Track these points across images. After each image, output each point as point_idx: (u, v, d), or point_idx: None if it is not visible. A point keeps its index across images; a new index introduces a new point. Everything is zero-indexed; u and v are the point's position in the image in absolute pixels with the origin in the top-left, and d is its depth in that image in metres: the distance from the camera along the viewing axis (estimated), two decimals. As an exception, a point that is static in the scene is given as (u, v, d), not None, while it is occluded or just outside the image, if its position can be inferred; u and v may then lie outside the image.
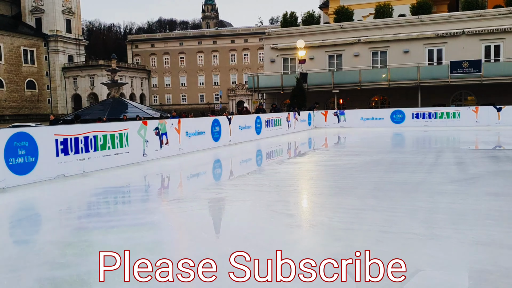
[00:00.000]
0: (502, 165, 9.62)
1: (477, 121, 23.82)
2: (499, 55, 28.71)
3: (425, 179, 8.00)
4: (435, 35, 29.89)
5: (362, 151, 13.84)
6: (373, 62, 31.88)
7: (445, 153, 12.50)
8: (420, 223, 5.08)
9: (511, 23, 28.07)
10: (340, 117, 26.87)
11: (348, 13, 32.55)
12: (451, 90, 29.79)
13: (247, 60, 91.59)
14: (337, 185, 7.87)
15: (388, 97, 32.02)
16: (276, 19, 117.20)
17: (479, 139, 17.04)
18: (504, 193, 6.67)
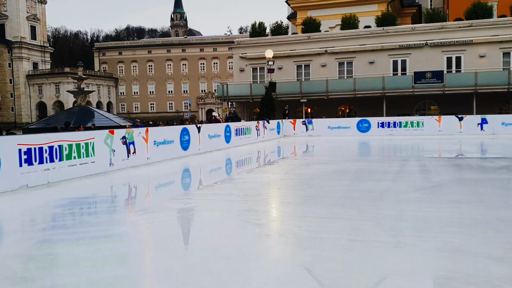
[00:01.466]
0: (463, 173, 9.95)
1: (440, 130, 24.57)
2: (460, 66, 29.78)
3: (391, 187, 8.20)
4: (400, 46, 30.74)
5: (330, 159, 14.04)
6: (340, 72, 32.48)
7: (410, 161, 12.83)
8: (386, 231, 5.20)
9: (471, 35, 29.20)
10: (308, 126, 27.20)
11: (315, 24, 33.10)
12: (415, 100, 30.65)
13: (217, 68, 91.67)
14: (306, 194, 7.96)
15: (355, 106, 32.64)
16: (245, 29, 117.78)
17: (442, 147, 17.57)
18: (466, 201, 6.89)
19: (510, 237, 4.85)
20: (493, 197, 7.22)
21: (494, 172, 10.07)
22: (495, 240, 4.74)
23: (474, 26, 29.13)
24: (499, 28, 28.80)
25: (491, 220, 5.63)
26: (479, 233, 5.06)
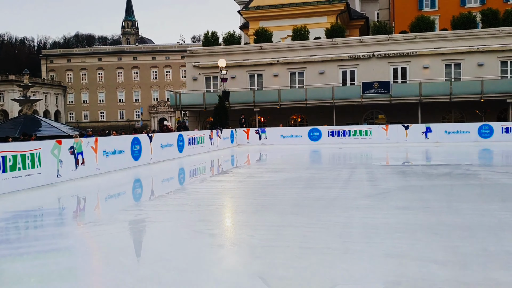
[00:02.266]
0: (409, 180, 10.35)
1: (387, 138, 25.47)
2: (406, 77, 31.06)
3: (340, 195, 8.41)
4: (348, 57, 31.69)
5: (282, 168, 14.22)
6: (292, 82, 33.04)
7: (359, 169, 13.21)
8: (335, 237, 5.34)
9: (415, 47, 30.56)
10: (262, 134, 27.44)
11: (268, 34, 33.56)
12: (363, 109, 31.64)
13: (169, 77, 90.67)
14: (258, 202, 8.02)
15: (306, 115, 33.25)
16: (198, 38, 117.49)
17: (389, 155, 18.21)
18: (411, 207, 7.16)
19: (452, 241, 5.08)
20: (436, 202, 7.54)
21: (438, 178, 10.55)
22: (438, 244, 4.96)
23: (418, 38, 30.52)
24: (441, 41, 30.33)
25: (434, 225, 5.88)
26: (424, 238, 5.27)
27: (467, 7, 34.48)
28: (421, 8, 35.92)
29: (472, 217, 6.31)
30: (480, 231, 5.47)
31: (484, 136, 24.68)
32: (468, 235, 5.30)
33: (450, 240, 5.12)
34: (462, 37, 29.87)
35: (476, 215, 6.42)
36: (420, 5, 36.16)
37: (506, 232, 5.41)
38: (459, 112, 30.95)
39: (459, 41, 29.91)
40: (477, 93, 28.09)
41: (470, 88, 28.38)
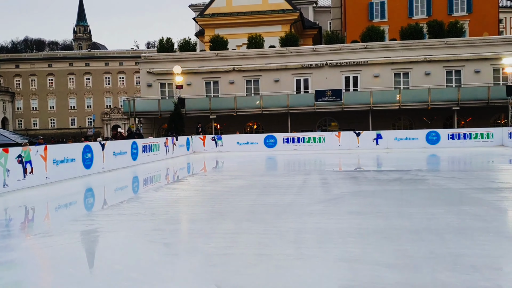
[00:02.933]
0: (361, 186, 10.64)
1: (339, 145, 26.07)
2: (357, 85, 31.97)
3: (295, 201, 8.54)
4: (302, 66, 32.27)
5: (238, 175, 14.25)
6: (247, 89, 33.25)
7: (312, 175, 13.45)
8: (289, 243, 5.41)
9: (366, 57, 31.56)
10: (218, 142, 27.40)
11: (223, 42, 33.64)
12: (317, 116, 32.26)
13: (123, 83, 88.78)
14: (214, 210, 8.00)
15: (262, 122, 33.51)
16: (153, 44, 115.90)
17: (341, 161, 18.64)
18: (363, 212, 7.36)
19: (401, 245, 5.26)
20: (387, 207, 7.77)
21: (388, 184, 10.90)
22: (389, 248, 5.13)
23: (368, 48, 31.53)
24: (391, 51, 31.47)
25: (385, 229, 6.07)
26: (375, 242, 5.42)
27: (414, 18, 35.98)
28: (371, 18, 37.17)
29: (420, 221, 6.53)
30: (427, 234, 5.68)
31: (431, 143, 25.74)
32: (416, 239, 5.49)
33: (399, 244, 5.29)
34: (410, 47, 31.14)
35: (424, 219, 6.66)
36: (370, 15, 37.40)
37: (451, 235, 5.65)
38: (408, 119, 32.16)
39: (407, 51, 31.15)
40: (424, 101, 29.31)
41: (418, 96, 29.60)
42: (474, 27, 35.43)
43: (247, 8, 38.27)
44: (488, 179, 11.69)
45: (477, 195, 8.68)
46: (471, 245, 5.17)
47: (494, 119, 31.40)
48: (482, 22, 35.28)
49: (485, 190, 9.45)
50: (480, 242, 5.30)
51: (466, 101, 28.92)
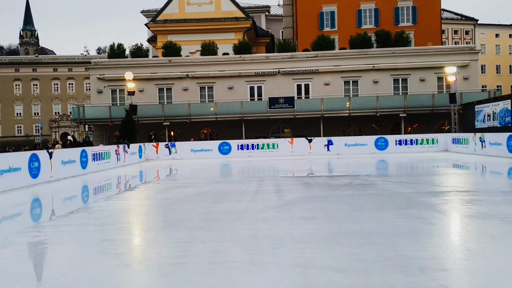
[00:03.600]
0: (313, 191, 10.83)
1: (292, 151, 26.46)
2: (309, 93, 32.61)
3: (248, 207, 8.57)
4: (255, 74, 32.57)
5: (192, 182, 14.13)
6: (201, 96, 33.15)
7: (266, 181, 13.55)
8: (243, 250, 5.43)
9: (317, 65, 32.27)
10: (172, 149, 27.10)
11: (176, 48, 33.40)
12: (270, 123, 32.59)
13: (72, 89, 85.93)
14: (167, 219, 7.90)
15: (216, 129, 33.45)
16: (103, 49, 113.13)
17: (294, 167, 18.89)
18: (315, 217, 7.48)
19: (352, 249, 5.39)
20: (338, 212, 7.95)
21: (339, 189, 11.16)
22: (340, 252, 5.25)
23: (319, 56, 32.25)
24: (340, 59, 32.35)
25: (336, 233, 6.21)
26: (326, 246, 5.52)
27: (363, 28, 37.19)
28: (321, 28, 38.08)
29: (370, 224, 6.71)
30: (377, 238, 5.84)
31: (380, 148, 26.61)
32: (366, 242, 5.64)
33: (350, 248, 5.42)
34: (359, 56, 32.14)
35: (373, 222, 6.86)
36: (321, 25, 38.30)
37: (399, 238, 5.85)
38: (357, 126, 33.09)
39: (356, 60, 32.13)
40: (373, 108, 30.29)
41: (367, 104, 30.56)
42: (419, 37, 37.08)
43: (200, 15, 38.24)
44: (433, 183, 12.20)
45: (423, 199, 9.03)
46: (417, 248, 5.34)
47: (439, 126, 32.88)
48: (426, 32, 36.98)
49: (430, 193, 9.86)
50: (426, 244, 5.50)
51: (412, 108, 30.15)
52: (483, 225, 6.52)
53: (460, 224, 6.95)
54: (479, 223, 6.67)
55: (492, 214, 7.23)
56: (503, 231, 6.13)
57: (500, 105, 23.46)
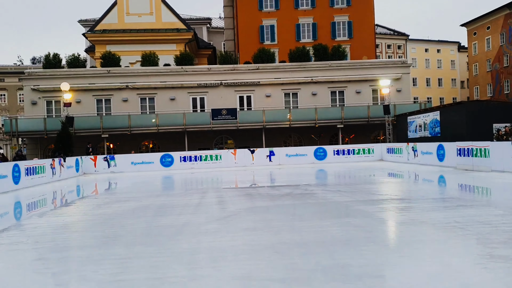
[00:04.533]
0: (255, 202, 10.94)
1: (235, 162, 26.57)
2: (251, 104, 32.97)
3: (190, 220, 8.51)
4: (198, 85, 32.50)
5: (133, 196, 13.81)
6: (142, 107, 32.56)
7: (209, 193, 13.52)
8: (184, 265, 5.38)
9: (258, 77, 32.75)
10: (111, 162, 26.35)
11: (115, 59, 32.67)
12: (213, 134, 32.57)
13: (4, 101, 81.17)
14: (104, 235, 7.66)
15: (158, 141, 32.93)
16: (39, 59, 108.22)
17: (237, 178, 18.99)
18: (256, 228, 7.55)
19: (292, 259, 5.47)
20: (279, 222, 8.07)
21: (280, 199, 11.34)
22: (280, 263, 5.33)
23: (260, 69, 32.76)
24: (281, 72, 33.03)
25: (276, 244, 6.29)
26: (267, 257, 5.59)
27: (301, 42, 38.22)
28: (262, 41, 38.73)
29: (309, 234, 6.86)
30: (316, 247, 5.98)
31: (319, 158, 27.34)
32: (305, 252, 5.76)
33: (290, 258, 5.50)
34: (298, 69, 32.98)
35: (312, 232, 7.02)
36: (261, 38, 38.93)
37: (337, 247, 6.02)
38: (298, 137, 33.82)
39: (296, 73, 32.95)
40: (312, 120, 31.11)
41: (306, 115, 31.35)
42: (354, 51, 38.64)
43: (140, 26, 37.71)
44: (370, 192, 12.68)
45: (360, 207, 9.38)
46: (355, 255, 5.51)
47: (374, 136, 34.29)
48: (361, 46, 38.61)
49: (367, 202, 10.24)
50: (363, 252, 5.68)
51: (349, 119, 31.28)
52: (415, 231, 6.83)
53: (394, 231, 7.29)
54: (412, 229, 6.99)
55: (424, 220, 7.60)
56: (434, 236, 6.47)
57: (430, 116, 24.87)
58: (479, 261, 5.07)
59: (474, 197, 11.22)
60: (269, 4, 38.98)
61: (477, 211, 8.30)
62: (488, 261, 5.04)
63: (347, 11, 39.04)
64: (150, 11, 38.27)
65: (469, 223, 7.13)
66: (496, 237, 6.09)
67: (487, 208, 8.79)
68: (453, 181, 14.91)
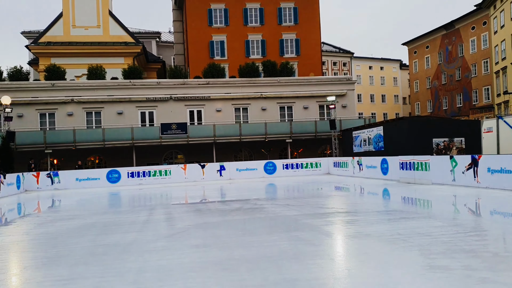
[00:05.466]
0: (204, 218, 10.88)
1: (185, 177, 26.33)
2: (201, 119, 32.90)
3: (137, 238, 8.33)
4: (147, 99, 32.07)
5: (77, 214, 13.36)
6: (88, 122, 31.67)
7: (157, 210, 13.31)
8: (129, 285, 5.26)
9: (209, 92, 32.81)
10: (54, 178, 25.39)
11: (60, 72, 31.70)
12: (163, 149, 32.15)
13: None
14: (46, 255, 7.36)
15: (104, 157, 32.06)
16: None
17: (187, 194, 18.81)
18: (205, 244, 7.50)
19: (240, 275, 5.47)
20: (228, 238, 8.06)
21: (230, 214, 11.34)
22: (228, 279, 5.31)
23: (211, 84, 32.86)
24: (231, 87, 33.27)
25: (224, 260, 6.27)
26: (215, 274, 5.56)
27: (251, 58, 38.74)
28: (212, 56, 38.90)
29: (257, 249, 6.88)
30: (264, 263, 6.00)
31: (269, 172, 27.63)
32: (253, 267, 5.77)
33: (238, 274, 5.50)
34: (248, 84, 33.37)
35: (261, 247, 7.05)
36: (211, 53, 39.11)
37: (285, 261, 6.07)
38: (248, 151, 34.04)
39: (245, 88, 33.30)
40: (262, 134, 31.48)
41: (256, 130, 31.68)
42: (302, 68, 39.60)
43: (86, 38, 36.87)
44: (317, 205, 12.94)
45: (308, 221, 9.55)
46: (302, 270, 5.58)
47: (321, 150, 35.10)
48: (308, 63, 39.63)
49: (314, 215, 10.45)
50: (310, 266, 5.76)
51: (297, 134, 31.90)
52: (361, 244, 7.03)
53: (341, 244, 7.47)
54: (358, 242, 7.19)
55: (369, 233, 7.84)
56: (378, 249, 6.68)
57: (374, 131, 25.82)
58: (421, 272, 5.28)
59: (416, 209, 11.72)
60: (218, 20, 39.32)
61: (418, 223, 8.66)
62: (428, 271, 5.28)
63: (294, 29, 40.03)
64: (98, 24, 37.54)
65: (411, 235, 7.41)
66: (436, 248, 6.38)
67: (427, 220, 9.20)
68: (396, 194, 15.50)
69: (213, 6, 39.18)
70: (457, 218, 9.85)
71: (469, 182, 15.46)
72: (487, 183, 14.63)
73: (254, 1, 39.72)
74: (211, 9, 39.19)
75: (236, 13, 39.43)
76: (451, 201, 12.85)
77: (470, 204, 12.12)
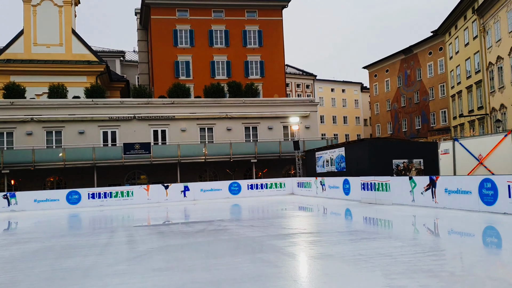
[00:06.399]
0: (167, 240, 10.75)
1: (148, 198, 25.93)
2: (166, 139, 32.64)
3: (97, 262, 8.15)
4: (109, 118, 31.60)
5: (34, 237, 12.92)
6: (48, 141, 30.86)
7: (118, 232, 13.05)
8: (88, 310, 5.16)
9: (174, 112, 32.69)
10: (11, 200, 24.49)
11: (20, 90, 30.92)
12: (125, 170, 31.59)
13: None
14: (0, 281, 7.09)
15: (64, 177, 31.21)
16: None
17: (150, 215, 18.52)
18: (167, 268, 7.40)
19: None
20: (191, 261, 7.97)
21: (193, 236, 11.25)
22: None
23: (175, 103, 32.76)
24: (196, 107, 33.29)
25: (187, 283, 6.20)
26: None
27: (216, 78, 38.98)
28: (177, 76, 38.91)
29: (220, 272, 6.85)
30: (226, 285, 5.95)
31: (233, 193, 27.59)
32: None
33: (200, 296, 5.54)
34: (213, 104, 33.50)
35: (224, 269, 7.03)
36: (176, 73, 39.12)
37: (248, 284, 5.99)
38: (213, 171, 33.93)
39: (211, 108, 33.40)
40: (227, 154, 31.49)
41: (221, 150, 31.69)
42: (266, 89, 40.13)
43: (48, 56, 36.21)
44: (281, 226, 13.03)
45: (271, 242, 9.60)
46: (263, 292, 5.63)
47: (286, 170, 35.39)
48: (272, 85, 40.23)
49: (278, 236, 10.51)
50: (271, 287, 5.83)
51: (262, 154, 32.10)
52: (323, 265, 7.13)
53: (303, 265, 7.54)
54: (320, 263, 7.29)
55: (331, 254, 7.96)
56: (340, 270, 6.78)
57: (336, 152, 26.32)
58: (379, 292, 5.43)
59: (377, 229, 11.98)
60: (184, 40, 39.49)
61: (379, 243, 8.86)
62: (387, 291, 5.43)
63: (259, 51, 40.67)
64: (60, 42, 36.96)
65: (372, 256, 7.57)
66: (396, 268, 6.54)
67: (388, 240, 9.43)
68: (358, 214, 15.80)
69: (178, 27, 39.36)
70: (416, 238, 10.14)
71: (427, 202, 15.94)
72: (444, 203, 15.14)
73: (219, 23, 40.19)
74: (177, 29, 39.36)
75: (202, 34, 39.76)
76: (411, 221, 13.22)
77: (429, 224, 12.50)
